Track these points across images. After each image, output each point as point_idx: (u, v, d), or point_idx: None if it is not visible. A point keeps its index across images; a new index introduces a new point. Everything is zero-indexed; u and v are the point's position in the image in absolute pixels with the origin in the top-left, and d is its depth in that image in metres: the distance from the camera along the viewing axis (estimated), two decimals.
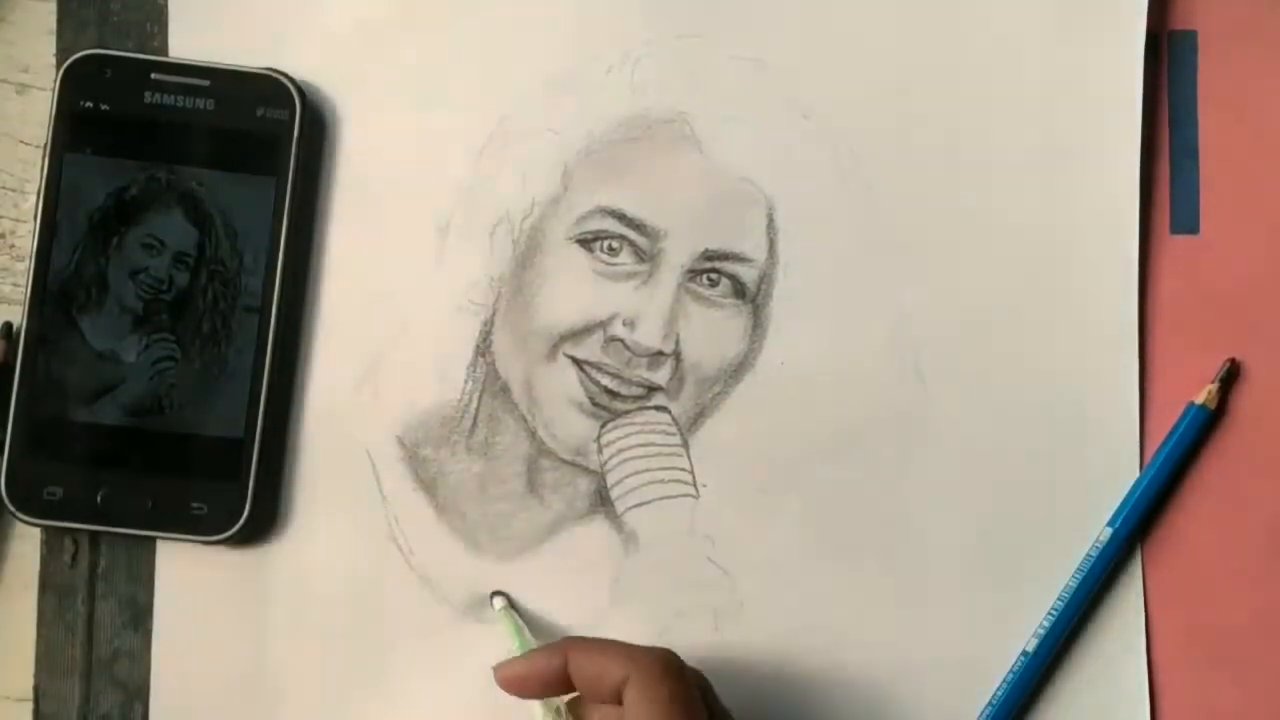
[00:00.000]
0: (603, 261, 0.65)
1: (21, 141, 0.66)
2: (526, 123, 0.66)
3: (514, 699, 0.59)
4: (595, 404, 0.65)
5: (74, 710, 0.63)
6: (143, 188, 0.63)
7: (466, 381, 0.65)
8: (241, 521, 0.62)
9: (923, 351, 0.65)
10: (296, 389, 0.65)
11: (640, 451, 0.65)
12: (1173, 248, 0.66)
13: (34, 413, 0.62)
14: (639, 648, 0.57)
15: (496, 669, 0.58)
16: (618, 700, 0.56)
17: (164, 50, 0.66)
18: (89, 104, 0.63)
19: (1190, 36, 0.67)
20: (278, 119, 0.64)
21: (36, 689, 0.64)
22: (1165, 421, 0.65)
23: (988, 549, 0.65)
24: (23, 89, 0.67)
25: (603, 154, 0.66)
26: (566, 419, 0.65)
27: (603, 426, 0.65)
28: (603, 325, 0.65)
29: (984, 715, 0.64)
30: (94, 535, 0.64)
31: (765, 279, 0.65)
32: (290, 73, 0.64)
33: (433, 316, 0.65)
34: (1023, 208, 0.66)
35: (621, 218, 0.65)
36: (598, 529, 0.65)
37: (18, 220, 0.66)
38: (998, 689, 0.64)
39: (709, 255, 0.65)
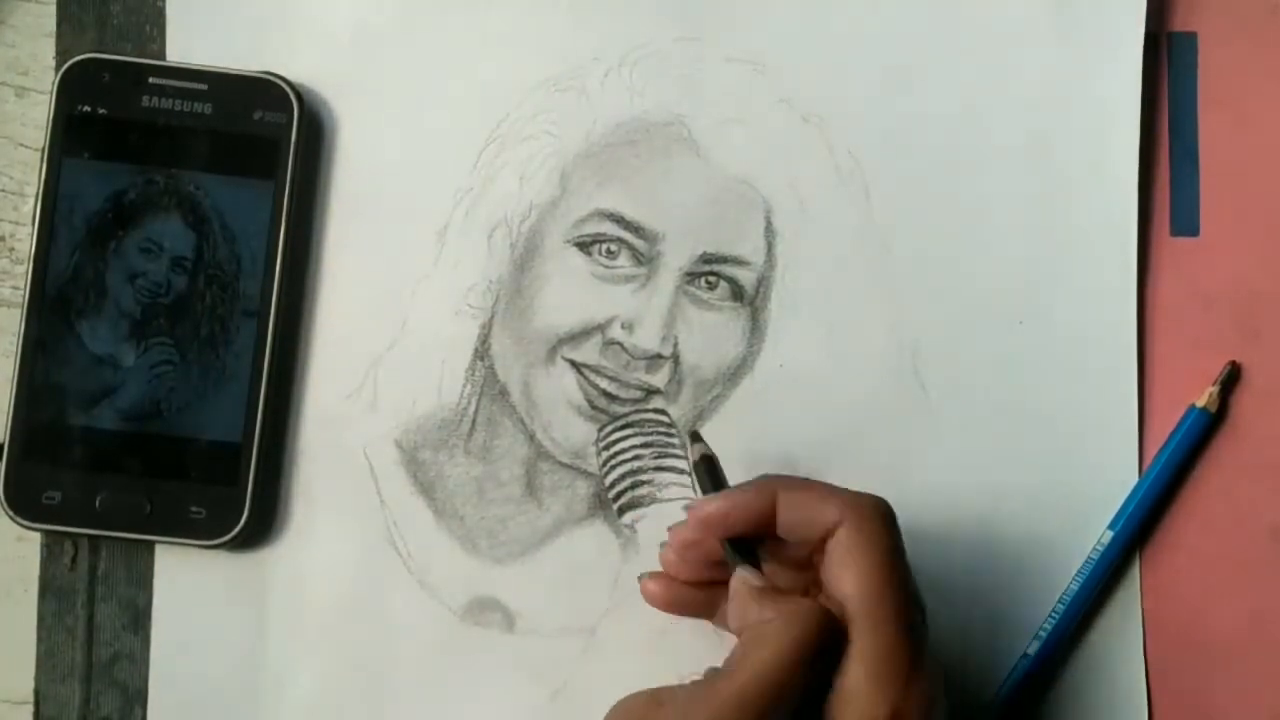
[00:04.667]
0: (601, 264, 0.65)
1: (21, 144, 0.66)
2: (524, 126, 0.66)
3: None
4: (594, 407, 0.65)
5: (74, 713, 0.64)
6: (141, 192, 0.63)
7: (465, 385, 0.65)
8: (240, 525, 0.62)
9: (921, 354, 0.65)
10: (295, 393, 0.65)
11: (639, 454, 0.65)
12: (1173, 249, 0.66)
13: (32, 416, 0.62)
14: (852, 491, 0.55)
15: (692, 507, 0.57)
16: (819, 545, 0.55)
17: (163, 53, 0.66)
18: (87, 108, 0.63)
19: (1190, 38, 0.67)
20: (275, 122, 0.64)
21: (37, 692, 0.64)
22: (1164, 424, 0.65)
23: (987, 551, 0.65)
24: (22, 92, 0.67)
25: (601, 157, 0.66)
26: (565, 422, 0.65)
27: (601, 429, 0.65)
28: (601, 328, 0.65)
29: (985, 716, 0.64)
30: (94, 538, 0.64)
31: (763, 282, 0.65)
32: (288, 76, 0.64)
33: (431, 320, 0.65)
34: (1022, 209, 0.66)
35: (620, 221, 0.65)
36: (597, 532, 0.65)
37: (17, 224, 0.66)
38: (999, 691, 0.64)
39: (707, 258, 0.65)
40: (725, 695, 0.51)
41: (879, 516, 0.55)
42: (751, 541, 0.57)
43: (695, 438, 0.61)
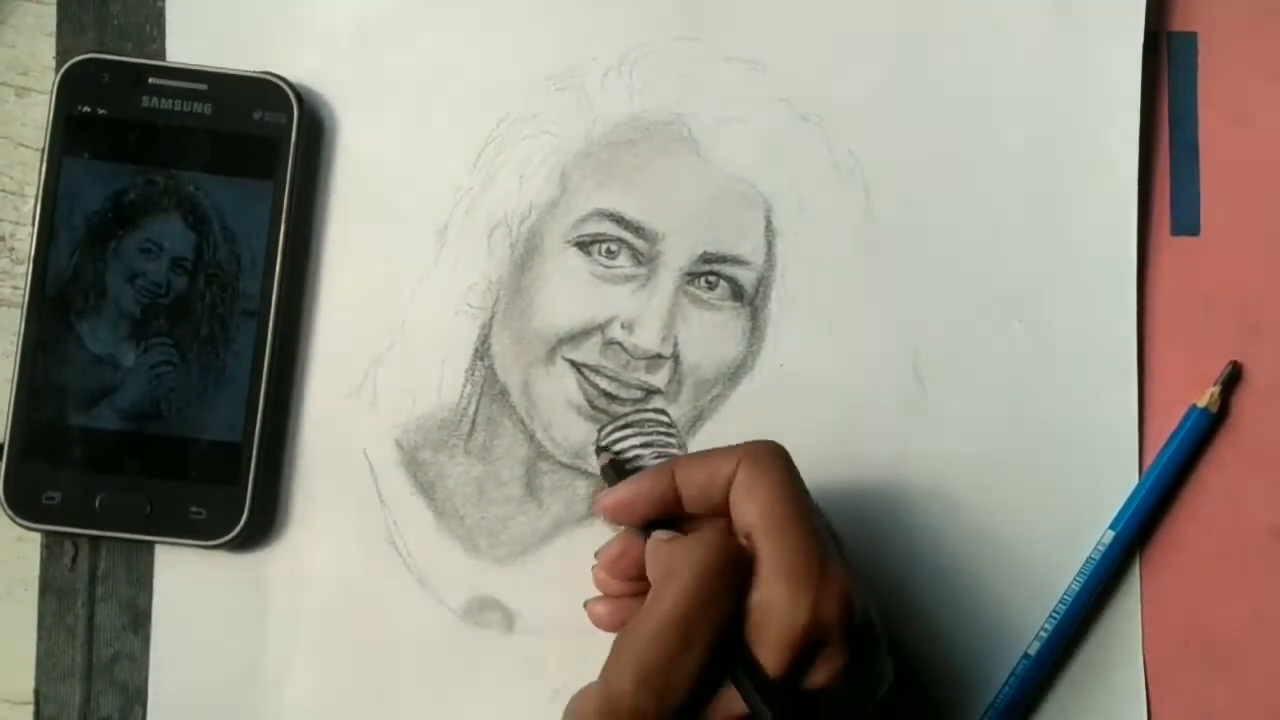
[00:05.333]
0: (601, 264, 0.65)
1: (21, 144, 0.66)
2: (524, 125, 0.66)
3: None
4: (594, 407, 0.65)
5: (74, 713, 0.64)
6: (141, 192, 0.63)
7: (465, 385, 0.65)
8: (240, 525, 0.62)
9: (921, 353, 0.65)
10: (295, 393, 0.65)
11: (639, 454, 0.65)
12: (1173, 249, 0.66)
13: (32, 417, 0.62)
14: (744, 443, 0.57)
15: (598, 500, 0.59)
16: (724, 509, 0.56)
17: (163, 53, 0.66)
18: (86, 108, 0.63)
19: (1190, 37, 0.67)
20: (275, 122, 0.64)
21: (37, 692, 0.64)
22: (1165, 424, 0.65)
23: (987, 551, 0.65)
24: (22, 92, 0.67)
25: (601, 156, 0.66)
26: (565, 422, 0.65)
27: (601, 429, 0.65)
28: (601, 328, 0.65)
29: (986, 717, 0.64)
30: (94, 538, 0.64)
31: (763, 281, 0.65)
32: (288, 76, 0.64)
33: (431, 320, 0.65)
34: (1022, 209, 0.66)
35: (619, 220, 0.65)
36: (596, 532, 0.65)
37: (17, 224, 0.66)
38: (999, 691, 0.64)
39: (707, 258, 0.65)
40: (646, 631, 0.52)
41: (771, 453, 0.56)
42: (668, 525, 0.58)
43: (600, 450, 0.64)
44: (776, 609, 0.53)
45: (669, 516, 0.58)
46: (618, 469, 0.62)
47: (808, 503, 0.55)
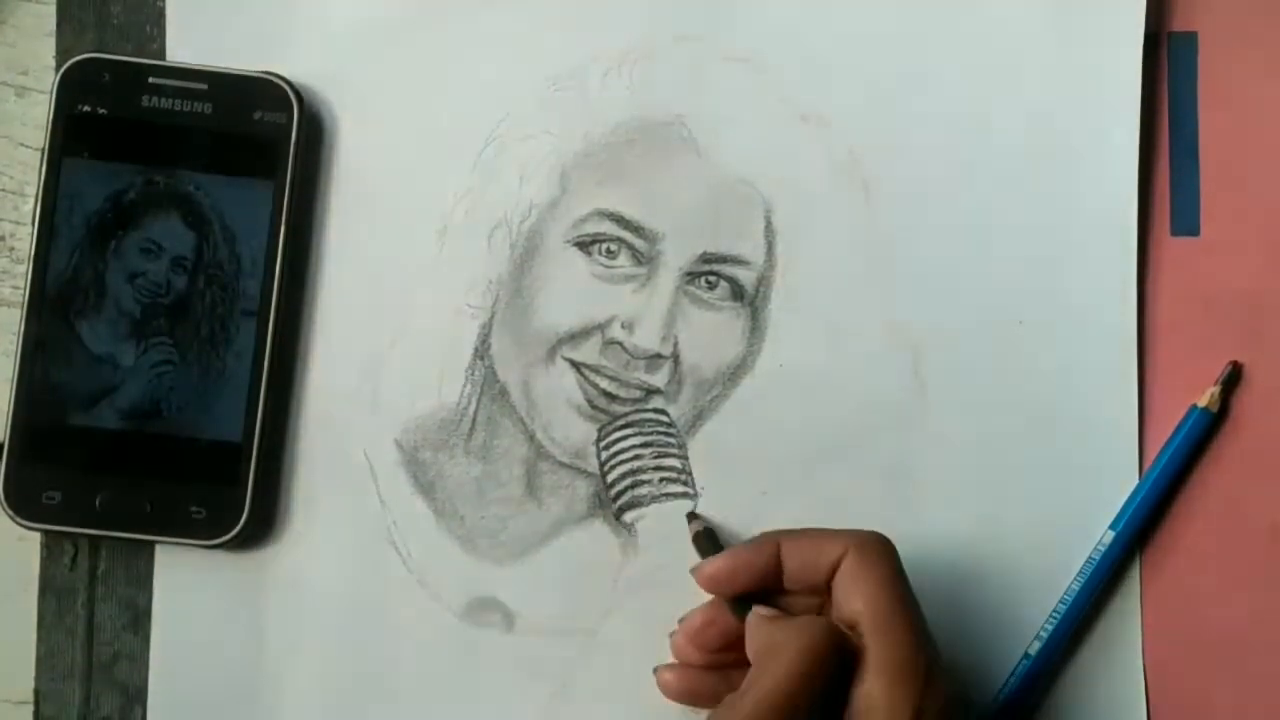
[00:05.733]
0: (601, 264, 0.65)
1: (21, 144, 0.66)
2: (524, 126, 0.66)
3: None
4: (594, 407, 0.65)
5: (74, 713, 0.64)
6: (141, 192, 0.63)
7: (465, 384, 0.65)
8: (240, 525, 0.62)
9: (921, 353, 0.65)
10: (295, 392, 0.65)
11: (639, 454, 0.65)
12: (1173, 249, 0.66)
13: (32, 416, 0.62)
14: (852, 529, 0.57)
15: (697, 568, 0.59)
16: (824, 588, 0.57)
17: (163, 53, 0.66)
18: (87, 108, 0.63)
19: (1190, 37, 0.67)
20: (276, 122, 0.64)
21: (37, 692, 0.64)
22: (1165, 424, 0.65)
23: (988, 551, 0.65)
24: (22, 91, 0.67)
25: (601, 156, 0.66)
26: (565, 422, 0.65)
27: (601, 429, 0.65)
28: (601, 328, 0.65)
29: (985, 717, 0.64)
30: (94, 538, 0.64)
31: (763, 281, 0.65)
32: (288, 76, 0.64)
33: (431, 319, 0.65)
34: (1022, 209, 0.66)
35: (619, 220, 0.65)
36: (597, 532, 0.65)
37: (17, 223, 0.66)
38: (999, 691, 0.64)
39: (707, 258, 0.65)
40: (747, 708, 0.53)
41: (881, 543, 0.57)
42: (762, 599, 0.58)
43: (692, 516, 0.63)
44: (880, 706, 0.53)
45: (764, 590, 0.58)
46: (710, 537, 0.62)
47: (914, 601, 0.56)
